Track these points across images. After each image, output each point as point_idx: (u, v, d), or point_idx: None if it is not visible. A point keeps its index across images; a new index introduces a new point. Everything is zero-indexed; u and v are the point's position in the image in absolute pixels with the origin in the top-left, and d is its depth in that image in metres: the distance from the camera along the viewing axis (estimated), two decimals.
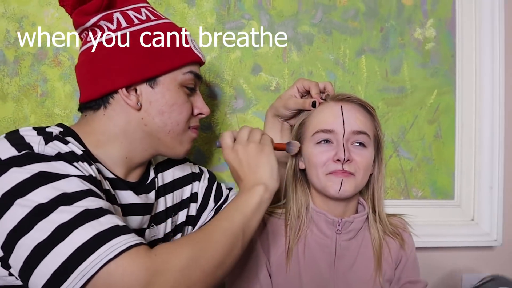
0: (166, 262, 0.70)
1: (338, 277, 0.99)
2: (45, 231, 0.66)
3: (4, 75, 1.14)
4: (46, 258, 0.65)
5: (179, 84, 0.88)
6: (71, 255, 0.65)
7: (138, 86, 0.85)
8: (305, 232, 1.01)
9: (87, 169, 0.77)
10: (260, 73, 1.24)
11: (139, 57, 0.84)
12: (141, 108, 0.86)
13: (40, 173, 0.69)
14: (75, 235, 0.66)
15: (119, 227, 0.71)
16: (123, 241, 0.68)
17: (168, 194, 1.01)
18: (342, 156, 0.93)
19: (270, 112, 1.08)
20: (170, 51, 0.86)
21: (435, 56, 1.30)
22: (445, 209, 1.32)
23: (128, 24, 0.84)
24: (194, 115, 0.93)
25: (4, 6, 1.13)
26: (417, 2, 1.29)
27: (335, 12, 1.26)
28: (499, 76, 1.29)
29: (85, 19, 0.84)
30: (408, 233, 1.08)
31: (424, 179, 1.33)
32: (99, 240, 0.67)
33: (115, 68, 0.83)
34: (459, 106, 1.31)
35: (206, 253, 0.75)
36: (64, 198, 0.69)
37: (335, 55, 1.26)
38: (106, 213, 0.71)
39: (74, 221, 0.67)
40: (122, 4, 0.87)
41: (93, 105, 0.86)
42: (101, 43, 0.84)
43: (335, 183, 0.95)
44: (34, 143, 0.74)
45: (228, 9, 1.22)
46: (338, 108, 0.97)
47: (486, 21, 1.28)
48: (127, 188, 0.89)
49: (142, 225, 0.92)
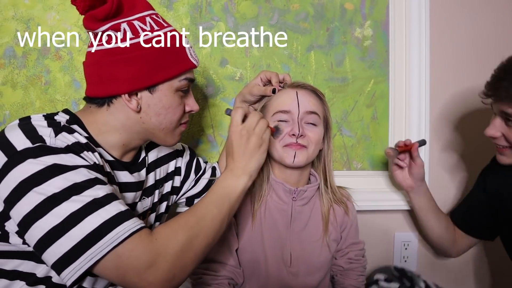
0: (166, 245, 0.76)
1: (293, 235, 1.09)
2: (58, 217, 0.70)
3: (14, 67, 1.24)
4: (59, 240, 0.70)
5: (175, 89, 0.90)
6: (82, 240, 0.70)
7: (139, 92, 0.88)
8: (266, 198, 1.09)
9: (91, 157, 0.81)
10: (226, 66, 1.33)
11: (141, 67, 0.85)
12: (140, 110, 0.89)
13: (53, 165, 0.72)
14: (85, 223, 0.71)
15: (122, 214, 0.75)
16: (127, 228, 0.73)
17: (157, 169, 1.06)
18: (297, 131, 1.03)
19: (238, 98, 1.16)
20: (169, 62, 0.88)
21: (372, 51, 1.38)
22: (380, 179, 1.41)
23: (134, 36, 0.85)
24: (185, 112, 0.96)
25: (14, 9, 1.22)
26: (357, 7, 1.36)
27: (288, 15, 1.34)
28: (425, 68, 1.36)
29: (95, 25, 0.84)
30: (351, 203, 1.18)
31: (363, 154, 1.41)
32: (106, 228, 0.72)
33: (120, 76, 0.85)
34: (392, 93, 1.39)
35: (198, 238, 0.81)
36: (75, 187, 0.72)
37: (289, 50, 1.35)
38: (111, 200, 0.75)
39: (85, 210, 0.71)
40: (129, 13, 0.87)
41: (98, 101, 0.88)
42: (109, 50, 0.85)
43: (290, 155, 1.04)
44: (46, 135, 0.76)
45: (200, 12, 1.30)
46: (294, 93, 1.07)
47: (414, 23, 1.36)
48: (123, 168, 0.93)
49: (135, 200, 0.97)
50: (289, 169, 1.08)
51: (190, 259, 0.79)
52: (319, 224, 1.12)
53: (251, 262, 1.08)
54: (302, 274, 1.09)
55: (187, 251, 0.79)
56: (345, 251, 1.15)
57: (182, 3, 1.30)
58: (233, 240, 1.08)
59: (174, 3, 1.30)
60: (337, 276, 1.16)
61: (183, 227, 0.80)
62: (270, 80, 1.11)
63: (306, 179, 1.14)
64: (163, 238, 0.77)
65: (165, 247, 0.76)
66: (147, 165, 1.03)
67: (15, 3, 1.23)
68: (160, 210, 1.10)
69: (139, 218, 0.95)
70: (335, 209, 1.14)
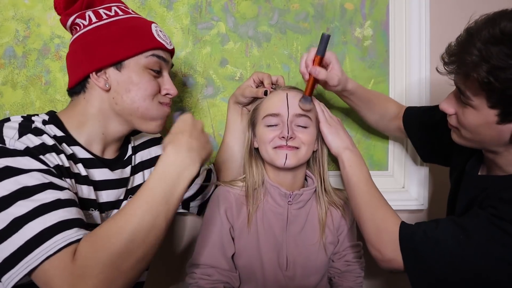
0: (86, 267, 0.69)
1: (289, 239, 1.08)
2: (3, 222, 0.69)
3: (14, 67, 1.25)
4: (1, 246, 0.69)
5: (143, 66, 0.91)
6: (21, 246, 0.68)
7: (106, 70, 0.90)
8: (262, 201, 1.09)
9: (54, 159, 0.80)
10: (226, 66, 1.33)
11: (104, 46, 0.88)
12: (111, 89, 0.90)
13: (6, 167, 0.73)
14: (27, 229, 0.69)
15: (66, 222, 0.72)
16: (63, 238, 0.70)
17: (146, 170, 1.06)
18: (286, 133, 1.02)
19: (232, 100, 1.17)
20: (132, 39, 0.90)
21: (372, 51, 1.37)
22: (380, 178, 1.35)
23: (97, 19, 0.90)
24: (162, 94, 0.96)
25: (14, 10, 1.24)
26: (357, 7, 1.35)
27: (289, 15, 1.34)
28: (425, 68, 1.35)
29: (66, 19, 0.91)
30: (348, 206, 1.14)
31: (363, 154, 1.25)
32: (45, 235, 0.69)
33: (85, 57, 0.89)
34: (392, 93, 1.38)
35: (124, 258, 0.72)
36: (24, 191, 0.71)
37: (289, 50, 1.35)
38: (60, 207, 0.73)
39: (28, 215, 0.70)
40: (98, 4, 0.93)
41: (75, 90, 0.92)
42: (77, 38, 0.91)
43: (280, 156, 1.03)
44: (7, 137, 0.77)
45: (200, 13, 1.31)
46: (284, 95, 1.07)
47: (414, 23, 1.35)
48: (103, 165, 0.93)
49: (118, 197, 0.96)
50: (282, 171, 1.08)
51: (126, 268, 0.72)
52: (316, 227, 1.11)
53: (247, 266, 1.08)
54: (299, 278, 1.09)
55: (116, 264, 0.71)
56: (342, 253, 1.15)
57: (182, 3, 1.31)
58: (229, 245, 1.08)
59: (174, 3, 1.30)
60: (334, 279, 1.15)
61: (105, 240, 0.72)
62: (262, 82, 1.11)
63: (302, 181, 1.14)
64: (82, 259, 0.70)
65: (86, 268, 0.69)
66: (134, 164, 1.03)
67: (15, 3, 1.24)
68: None
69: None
70: (332, 212, 1.14)
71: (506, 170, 0.91)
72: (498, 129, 0.83)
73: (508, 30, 0.76)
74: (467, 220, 0.87)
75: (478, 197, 0.94)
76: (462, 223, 0.87)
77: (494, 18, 0.79)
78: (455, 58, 0.82)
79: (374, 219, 0.97)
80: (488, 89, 0.78)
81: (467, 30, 0.83)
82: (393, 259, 0.91)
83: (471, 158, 1.02)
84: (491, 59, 0.76)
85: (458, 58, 0.82)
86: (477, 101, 0.83)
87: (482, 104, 0.82)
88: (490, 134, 0.85)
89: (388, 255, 0.92)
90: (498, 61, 0.75)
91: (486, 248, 0.83)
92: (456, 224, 0.87)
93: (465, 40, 0.81)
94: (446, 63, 0.85)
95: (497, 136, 0.85)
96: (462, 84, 0.84)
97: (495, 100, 0.80)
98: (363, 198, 1.00)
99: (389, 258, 0.92)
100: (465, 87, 0.84)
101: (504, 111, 0.80)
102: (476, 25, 0.81)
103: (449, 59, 0.84)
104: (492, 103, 0.80)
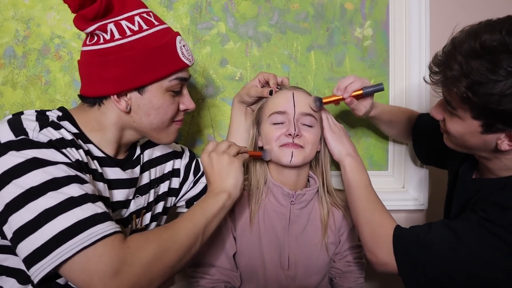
0: (135, 255, 0.74)
1: (291, 239, 1.09)
2: (33, 212, 0.70)
3: (14, 67, 1.25)
4: (31, 236, 0.69)
5: (165, 89, 0.90)
6: (52, 237, 0.69)
7: (128, 93, 0.88)
8: (264, 201, 1.09)
9: (74, 154, 0.81)
10: (226, 66, 1.33)
11: (128, 68, 0.84)
12: (131, 111, 0.89)
13: (34, 158, 0.73)
14: (58, 220, 0.70)
15: (97, 215, 0.74)
16: (100, 230, 0.72)
17: (152, 168, 1.06)
18: (293, 131, 1.03)
19: (236, 99, 1.17)
20: (157, 62, 0.86)
21: (372, 51, 1.37)
22: (381, 178, 1.39)
23: (121, 36, 0.84)
24: (180, 110, 0.96)
25: (14, 9, 1.25)
26: (357, 7, 1.35)
27: (289, 14, 1.34)
28: (425, 68, 1.32)
29: (83, 26, 0.84)
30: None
31: (363, 154, 1.39)
32: (78, 227, 0.71)
33: (107, 77, 0.85)
34: (392, 93, 1.38)
35: (169, 252, 0.79)
36: (53, 182, 0.72)
37: (289, 50, 1.35)
38: (88, 201, 0.74)
39: (59, 207, 0.71)
40: (119, 12, 0.86)
41: (89, 101, 0.89)
42: (96, 51, 0.85)
43: (286, 154, 1.03)
44: (30, 129, 0.77)
45: (200, 12, 1.31)
46: (290, 94, 1.07)
47: (414, 23, 1.35)
48: (115, 165, 0.93)
49: (128, 197, 0.96)
50: (286, 169, 1.08)
51: (159, 272, 0.77)
52: (318, 228, 1.12)
53: (248, 265, 1.08)
54: (300, 278, 1.09)
55: (156, 263, 0.77)
56: (343, 254, 1.15)
57: (182, 3, 1.31)
58: (230, 244, 1.08)
59: (174, 3, 1.31)
60: (335, 279, 1.15)
61: (156, 239, 0.79)
62: (268, 82, 1.11)
63: (305, 181, 1.14)
64: (135, 247, 0.76)
65: (134, 256, 0.75)
66: (142, 163, 1.03)
67: (15, 3, 1.24)
68: (156, 210, 1.09)
69: (133, 216, 0.96)
70: (334, 212, 1.14)
71: (498, 174, 0.92)
72: (483, 138, 0.85)
73: (488, 44, 0.76)
74: (459, 223, 0.88)
75: (471, 200, 0.95)
76: (454, 226, 0.88)
77: (476, 30, 0.80)
78: (440, 69, 0.84)
79: (370, 223, 0.98)
80: (469, 102, 0.80)
81: (452, 40, 0.84)
82: (388, 262, 0.93)
83: (465, 162, 1.03)
84: (471, 74, 0.77)
85: (442, 70, 0.83)
86: (461, 112, 0.84)
87: (466, 114, 0.84)
88: (476, 142, 0.87)
89: (383, 258, 0.93)
90: (478, 76, 0.76)
91: (477, 251, 0.84)
92: (448, 227, 0.88)
93: (449, 52, 0.82)
94: (432, 73, 0.86)
95: (483, 144, 0.86)
96: (448, 95, 0.86)
97: (477, 112, 0.81)
98: (361, 203, 1.02)
99: (383, 261, 0.93)
100: (450, 98, 0.85)
101: (487, 122, 0.81)
102: (460, 36, 0.82)
103: (435, 69, 0.85)
104: (474, 114, 0.82)
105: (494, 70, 0.75)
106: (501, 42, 0.75)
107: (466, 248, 0.84)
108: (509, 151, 0.84)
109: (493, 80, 0.75)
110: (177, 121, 0.97)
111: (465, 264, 0.85)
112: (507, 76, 0.74)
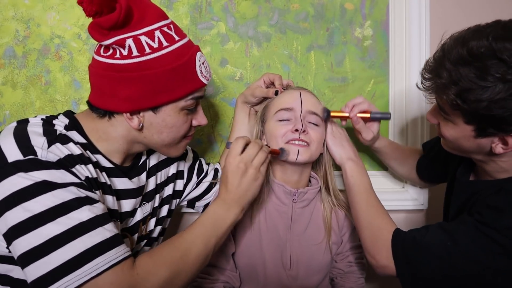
0: (145, 281, 0.74)
1: (293, 238, 1.09)
2: (41, 238, 0.69)
3: (14, 67, 1.25)
4: (38, 261, 0.68)
5: (181, 108, 0.87)
6: (59, 265, 0.68)
7: (141, 111, 0.85)
8: (266, 200, 1.09)
9: (83, 171, 0.78)
10: (226, 66, 1.33)
11: (144, 88, 0.80)
12: (143, 128, 0.87)
13: (43, 182, 0.71)
14: (67, 248, 0.69)
15: (106, 242, 0.73)
16: (109, 258, 0.71)
17: (157, 173, 1.05)
18: (300, 126, 1.03)
19: (240, 99, 1.17)
20: (175, 83, 0.83)
21: (372, 51, 1.37)
22: (381, 179, 1.40)
23: (139, 53, 0.79)
24: (193, 126, 0.94)
25: (14, 10, 1.25)
26: (357, 7, 1.35)
27: (289, 15, 1.34)
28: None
29: (99, 37, 0.79)
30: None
31: (363, 154, 1.38)
32: (87, 256, 0.70)
33: (121, 94, 0.81)
34: (391, 93, 1.38)
35: (180, 275, 0.79)
36: (62, 207, 0.71)
37: (289, 50, 1.35)
38: (98, 225, 0.73)
39: (68, 234, 0.70)
40: (138, 25, 0.80)
41: (99, 112, 0.86)
42: (112, 65, 0.80)
43: (293, 151, 1.03)
44: (38, 147, 0.74)
45: (200, 12, 1.31)
46: (297, 93, 1.08)
47: (414, 23, 1.35)
48: (122, 175, 0.91)
49: (135, 206, 0.95)
50: (291, 168, 1.08)
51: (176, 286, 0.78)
52: (320, 227, 1.12)
53: (248, 265, 1.08)
54: (301, 277, 1.09)
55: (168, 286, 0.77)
56: (345, 254, 1.15)
57: (182, 3, 1.31)
58: (230, 244, 1.08)
59: (174, 3, 1.31)
60: (337, 279, 1.15)
61: (166, 262, 0.78)
62: (273, 83, 1.12)
63: (307, 180, 1.14)
64: (145, 273, 0.75)
65: (145, 282, 0.74)
66: (148, 169, 1.02)
67: (15, 3, 1.24)
68: (161, 214, 1.08)
69: (139, 224, 0.95)
70: (337, 212, 1.14)
71: (494, 176, 0.93)
72: (477, 142, 0.86)
73: (475, 51, 0.77)
74: (455, 226, 0.89)
75: (468, 202, 0.96)
76: (450, 229, 0.89)
77: (464, 37, 0.80)
78: (430, 76, 0.85)
79: (371, 227, 1.00)
80: (459, 109, 0.81)
81: (441, 47, 0.84)
82: (387, 265, 0.94)
83: (461, 164, 1.04)
84: (460, 81, 0.78)
85: (432, 77, 0.85)
86: (454, 117, 0.85)
87: (459, 119, 0.85)
88: (471, 146, 0.88)
89: (382, 262, 0.95)
90: (467, 83, 0.77)
91: (472, 254, 0.85)
92: (444, 230, 0.89)
93: (438, 59, 0.83)
94: (424, 79, 0.87)
95: (477, 148, 0.87)
96: (440, 101, 0.87)
97: (468, 118, 0.82)
98: (362, 206, 1.03)
99: (383, 264, 0.95)
100: (442, 104, 0.86)
101: (479, 127, 0.83)
102: (449, 43, 0.83)
103: (426, 76, 0.86)
104: (467, 120, 0.83)
105: (482, 77, 0.76)
106: (488, 49, 0.76)
107: (461, 250, 0.85)
108: (504, 154, 0.85)
109: (481, 87, 0.76)
110: (188, 136, 0.96)
111: (461, 266, 0.86)
112: (495, 82, 0.75)
